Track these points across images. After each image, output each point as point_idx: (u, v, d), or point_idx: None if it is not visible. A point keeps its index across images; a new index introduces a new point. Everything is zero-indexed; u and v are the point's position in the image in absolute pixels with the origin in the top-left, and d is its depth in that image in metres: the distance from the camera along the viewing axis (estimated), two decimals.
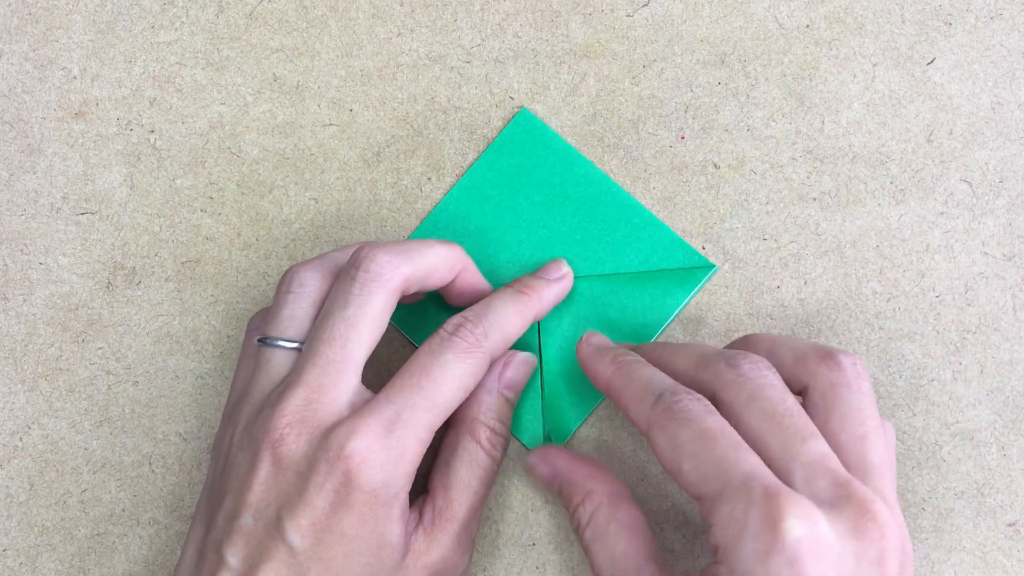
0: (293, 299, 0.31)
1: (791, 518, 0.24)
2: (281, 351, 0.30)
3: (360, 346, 0.29)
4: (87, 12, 0.39)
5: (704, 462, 0.26)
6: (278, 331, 0.31)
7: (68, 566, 0.36)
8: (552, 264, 0.35)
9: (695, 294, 0.36)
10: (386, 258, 0.30)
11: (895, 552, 0.25)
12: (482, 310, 0.31)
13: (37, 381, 0.37)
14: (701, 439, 0.27)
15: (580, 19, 0.38)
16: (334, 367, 0.29)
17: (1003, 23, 0.37)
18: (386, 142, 0.38)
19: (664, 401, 0.28)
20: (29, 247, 0.38)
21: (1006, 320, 0.36)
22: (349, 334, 0.29)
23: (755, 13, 0.38)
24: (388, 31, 0.38)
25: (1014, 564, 0.34)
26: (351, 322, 0.29)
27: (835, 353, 0.29)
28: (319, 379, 0.29)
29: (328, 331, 0.29)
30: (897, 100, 0.37)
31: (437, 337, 0.30)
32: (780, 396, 0.28)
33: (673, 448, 0.27)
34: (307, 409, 0.28)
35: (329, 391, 0.29)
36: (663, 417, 0.28)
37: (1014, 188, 0.36)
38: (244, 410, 0.30)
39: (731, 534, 0.25)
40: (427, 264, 0.31)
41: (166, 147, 0.38)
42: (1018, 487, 0.35)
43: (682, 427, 0.27)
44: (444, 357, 0.30)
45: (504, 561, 0.35)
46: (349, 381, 0.29)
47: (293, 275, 0.31)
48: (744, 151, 0.37)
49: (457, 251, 0.32)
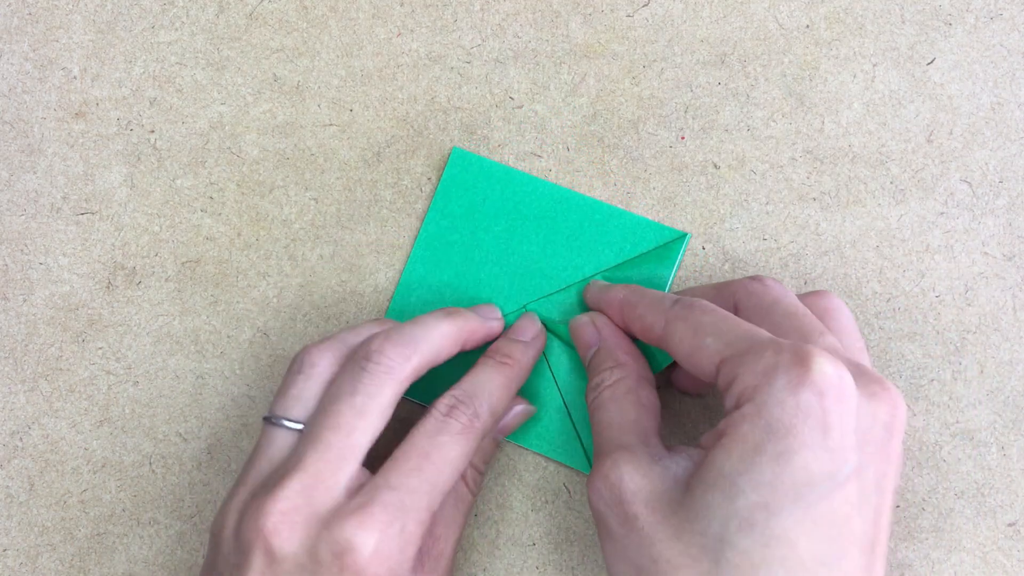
0: (302, 380, 0.31)
1: (821, 358, 0.25)
2: (284, 431, 0.30)
3: (365, 435, 0.29)
4: (87, 12, 0.39)
5: (729, 331, 0.28)
6: (283, 410, 0.30)
7: (68, 566, 0.36)
8: (524, 321, 0.35)
9: (678, 267, 0.36)
10: (397, 351, 0.30)
11: (902, 422, 0.27)
12: (471, 388, 0.31)
13: (37, 381, 0.37)
14: (726, 319, 0.28)
15: (580, 19, 0.38)
16: (336, 454, 0.29)
17: (1003, 23, 0.37)
18: (386, 142, 0.38)
19: (684, 301, 0.30)
20: (29, 247, 0.38)
21: (1006, 320, 0.36)
22: (355, 423, 0.29)
23: (755, 13, 0.38)
24: (388, 31, 0.38)
25: (1014, 564, 0.34)
26: (359, 410, 0.29)
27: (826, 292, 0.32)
28: (318, 465, 0.28)
29: (334, 417, 0.29)
30: (897, 100, 0.37)
31: (432, 419, 0.30)
32: (798, 304, 0.30)
33: (695, 330, 0.28)
34: (303, 497, 0.28)
35: (327, 479, 0.28)
36: (684, 311, 0.29)
37: (1014, 188, 0.36)
38: (241, 493, 0.29)
39: (762, 373, 0.26)
40: (435, 349, 0.31)
41: (166, 147, 0.38)
42: (1018, 487, 0.35)
43: (705, 314, 0.29)
44: (440, 439, 0.30)
45: (504, 561, 0.35)
46: (349, 468, 0.29)
47: (305, 355, 0.31)
48: (744, 151, 0.37)
49: (460, 324, 0.32)
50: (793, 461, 0.25)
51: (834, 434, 0.25)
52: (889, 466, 0.27)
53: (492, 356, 0.33)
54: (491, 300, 0.36)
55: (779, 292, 0.31)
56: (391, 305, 0.37)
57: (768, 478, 0.25)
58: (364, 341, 0.31)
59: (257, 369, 0.37)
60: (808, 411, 0.25)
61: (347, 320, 0.37)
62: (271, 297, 0.37)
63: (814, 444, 0.25)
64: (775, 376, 0.25)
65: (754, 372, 0.26)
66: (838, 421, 0.25)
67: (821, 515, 0.25)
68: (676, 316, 0.30)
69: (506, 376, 0.32)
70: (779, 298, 0.30)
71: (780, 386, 0.25)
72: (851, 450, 0.25)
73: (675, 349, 0.29)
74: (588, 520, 0.35)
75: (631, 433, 0.30)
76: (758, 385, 0.26)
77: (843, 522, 0.25)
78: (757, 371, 0.26)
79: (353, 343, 0.32)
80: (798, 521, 0.25)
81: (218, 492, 0.36)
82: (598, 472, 0.29)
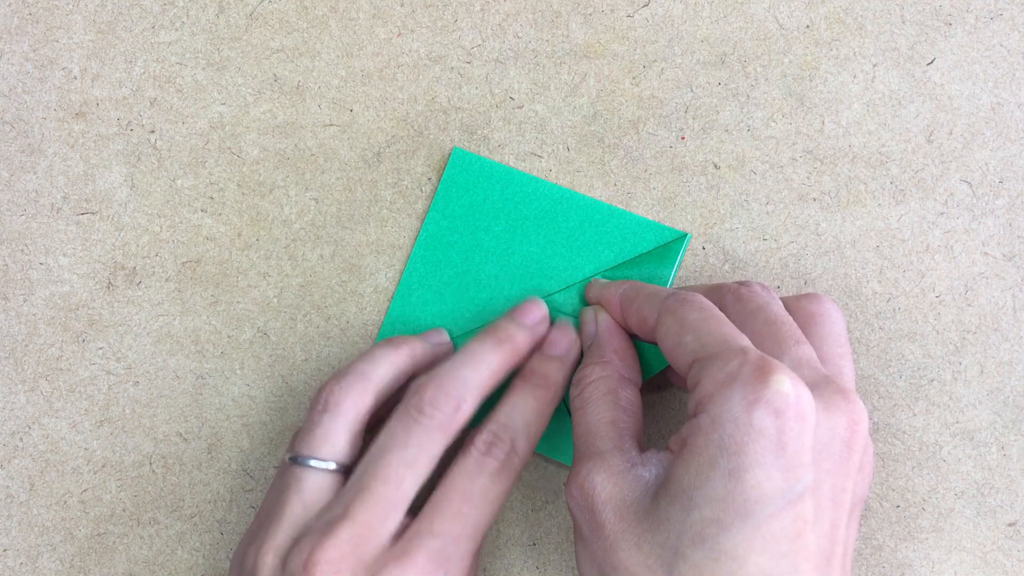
0: (328, 419, 0.31)
1: (781, 375, 0.26)
2: (314, 472, 0.30)
3: (415, 486, 0.29)
4: (87, 12, 0.39)
5: (708, 333, 0.28)
6: (310, 450, 0.30)
7: (68, 566, 0.36)
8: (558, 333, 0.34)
9: (679, 267, 0.36)
10: (449, 403, 0.30)
11: (863, 435, 0.27)
12: (507, 420, 0.31)
13: (37, 381, 0.37)
14: (709, 320, 0.29)
15: (580, 19, 0.38)
16: (386, 505, 0.29)
17: (1003, 23, 0.37)
18: (386, 142, 0.38)
19: (678, 295, 0.30)
20: (29, 247, 0.38)
21: (1006, 320, 0.36)
22: (406, 474, 0.29)
23: (755, 13, 0.38)
24: (388, 31, 0.38)
25: (1014, 564, 0.34)
26: (411, 463, 0.29)
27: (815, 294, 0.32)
28: (367, 515, 0.28)
29: (384, 468, 0.29)
30: (897, 100, 0.37)
31: (471, 458, 0.30)
32: (781, 312, 0.30)
33: (680, 325, 0.29)
34: (351, 546, 0.28)
35: (375, 528, 0.28)
36: (675, 303, 0.30)
37: (1014, 188, 0.36)
38: (276, 533, 0.29)
39: (721, 383, 0.26)
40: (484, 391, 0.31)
41: (166, 147, 0.38)
42: (1018, 487, 0.35)
43: (693, 310, 0.29)
44: (481, 481, 0.30)
45: (504, 561, 0.35)
46: (397, 517, 0.29)
47: (328, 394, 0.31)
48: (744, 151, 0.37)
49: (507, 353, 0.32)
50: (744, 479, 0.25)
51: (788, 453, 0.25)
52: (847, 480, 0.27)
53: (528, 379, 0.32)
54: (491, 300, 0.36)
55: (763, 299, 0.30)
56: (391, 305, 0.37)
57: (720, 494, 0.25)
58: (416, 388, 0.30)
59: (257, 369, 0.37)
60: (761, 430, 0.25)
61: (347, 320, 0.37)
62: (271, 297, 0.37)
63: (766, 463, 0.25)
64: (732, 388, 0.26)
65: (714, 380, 0.26)
66: (793, 440, 0.25)
67: (772, 532, 0.25)
68: (667, 308, 0.30)
69: (542, 402, 0.32)
70: (762, 305, 0.30)
71: (736, 400, 0.25)
72: (806, 467, 0.25)
73: (661, 342, 0.30)
74: None
75: (607, 438, 0.30)
76: (714, 395, 0.26)
77: (795, 538, 0.25)
78: (717, 379, 0.26)
79: (374, 376, 0.32)
80: (748, 537, 0.25)
81: (218, 492, 0.36)
82: (574, 478, 0.29)
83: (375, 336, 0.37)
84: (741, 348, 0.27)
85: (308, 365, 0.37)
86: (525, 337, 0.33)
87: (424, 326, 0.36)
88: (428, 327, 0.36)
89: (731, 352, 0.27)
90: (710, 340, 0.28)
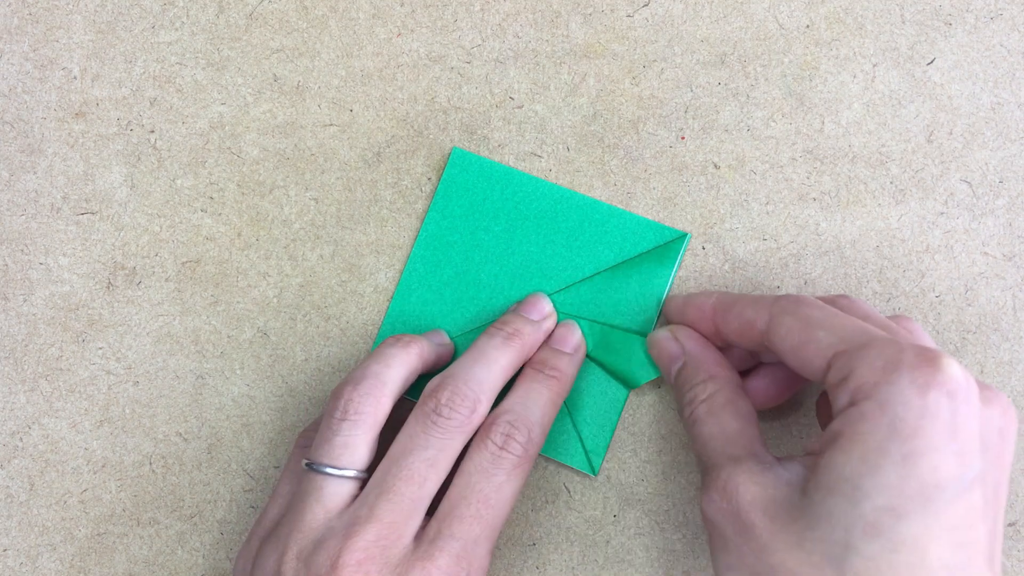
0: (348, 427, 0.31)
1: (949, 359, 0.25)
2: (334, 480, 0.30)
3: (436, 485, 0.30)
4: (87, 12, 0.39)
5: (843, 326, 0.27)
6: (331, 459, 0.30)
7: (68, 566, 0.36)
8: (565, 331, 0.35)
9: (679, 267, 0.36)
10: (465, 404, 0.30)
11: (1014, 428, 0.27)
12: (522, 411, 0.31)
13: (37, 381, 0.37)
14: (837, 315, 0.28)
15: (580, 19, 0.38)
16: (409, 504, 0.29)
17: (1003, 23, 0.37)
18: (386, 142, 0.38)
19: (790, 296, 0.30)
20: (29, 247, 0.38)
21: (1006, 320, 0.36)
22: (428, 474, 0.30)
23: (755, 13, 0.38)
24: (388, 31, 0.38)
25: (1014, 564, 0.34)
26: (432, 463, 0.30)
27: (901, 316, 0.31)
28: (393, 516, 0.29)
29: (407, 469, 0.29)
30: (897, 100, 0.37)
31: (487, 452, 0.30)
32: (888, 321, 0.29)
33: (806, 323, 0.28)
34: (378, 546, 0.28)
35: (400, 528, 0.29)
36: (792, 304, 0.29)
37: (1014, 188, 0.36)
38: (295, 536, 0.29)
39: (883, 370, 0.25)
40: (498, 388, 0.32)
41: (166, 147, 0.38)
42: (1018, 487, 0.35)
43: (815, 308, 0.28)
44: (498, 478, 0.30)
45: (504, 561, 0.35)
46: (419, 517, 0.29)
47: (346, 401, 0.31)
48: (744, 151, 0.37)
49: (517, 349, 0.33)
50: (920, 464, 0.24)
51: (961, 437, 0.24)
52: (1004, 473, 0.26)
53: (540, 370, 0.33)
54: (491, 299, 0.36)
55: (869, 307, 0.30)
56: (391, 305, 0.37)
57: (894, 481, 0.24)
58: (434, 391, 0.31)
59: (257, 369, 0.37)
60: (937, 412, 0.24)
61: (347, 320, 0.37)
62: (271, 297, 0.37)
63: (942, 447, 0.24)
64: (899, 373, 0.25)
65: (873, 368, 0.25)
66: (965, 424, 0.24)
67: (950, 520, 0.24)
68: (783, 310, 0.29)
69: (555, 392, 0.32)
70: (871, 313, 0.29)
71: (905, 384, 0.24)
72: (976, 454, 0.24)
73: (781, 342, 0.29)
74: (588, 520, 0.35)
75: (738, 444, 0.29)
76: (878, 382, 0.25)
77: (968, 528, 0.24)
78: (877, 367, 0.25)
79: (389, 379, 0.32)
80: (927, 527, 0.24)
81: (218, 492, 0.36)
82: (712, 484, 0.28)
83: (375, 336, 0.37)
84: (890, 337, 0.26)
85: (308, 365, 0.37)
86: (534, 332, 0.33)
87: (424, 326, 0.36)
88: (428, 326, 0.36)
89: (882, 341, 0.26)
90: (850, 332, 0.27)
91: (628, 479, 0.35)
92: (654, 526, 0.35)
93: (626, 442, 0.36)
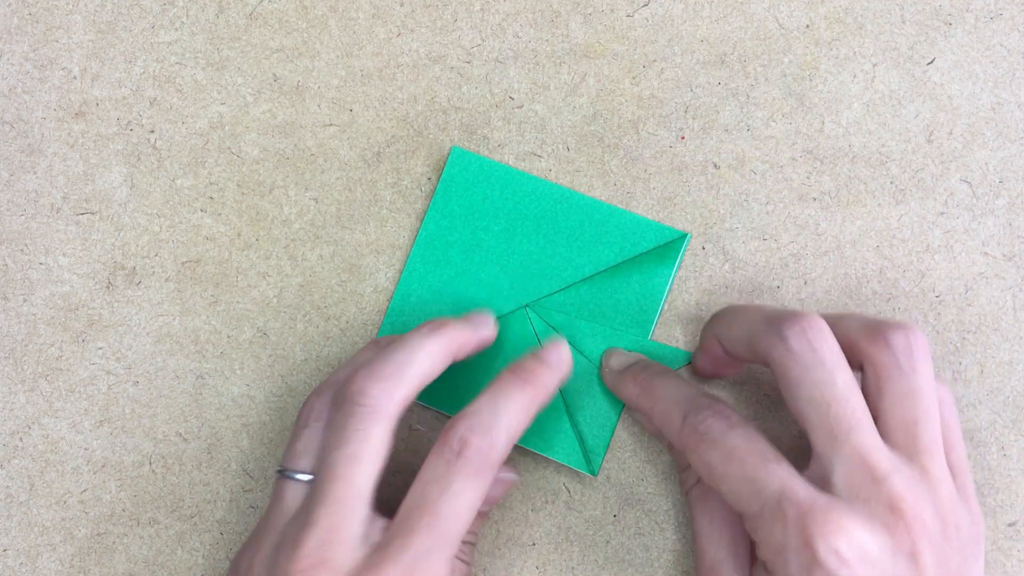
0: (308, 433, 0.31)
1: (824, 536, 0.26)
2: (294, 483, 0.30)
3: (367, 479, 0.29)
4: (87, 12, 0.39)
5: (737, 483, 0.27)
6: (292, 463, 0.31)
7: (68, 566, 0.36)
8: (553, 346, 0.32)
9: (679, 267, 0.36)
10: (380, 387, 0.29)
11: (928, 544, 0.26)
12: (488, 414, 0.29)
13: (37, 381, 0.37)
14: (730, 460, 0.28)
15: (580, 19, 0.38)
16: (343, 505, 0.28)
17: (1003, 23, 0.37)
18: (386, 142, 0.38)
19: (689, 422, 0.29)
20: (29, 247, 0.38)
21: (1006, 320, 0.36)
22: (353, 470, 0.29)
23: (755, 13, 0.38)
24: (388, 31, 0.38)
25: (1014, 564, 0.34)
26: (353, 458, 0.29)
27: (887, 332, 0.29)
28: (330, 519, 0.28)
29: (331, 469, 0.29)
30: (897, 100, 0.37)
31: (443, 458, 0.28)
32: (828, 377, 0.28)
33: (708, 471, 0.28)
34: (323, 551, 0.28)
35: (342, 530, 0.28)
36: (692, 439, 0.29)
37: (1014, 188, 0.36)
38: (265, 547, 0.29)
39: (774, 552, 0.27)
40: (421, 374, 0.30)
41: (166, 147, 0.38)
42: (1018, 487, 0.35)
43: (710, 449, 0.28)
44: (453, 487, 0.28)
45: (504, 561, 0.35)
46: (360, 515, 0.29)
47: (307, 408, 0.31)
48: (744, 151, 0.37)
49: (446, 339, 0.31)
50: None
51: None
52: None
53: (516, 372, 0.31)
54: (490, 300, 0.36)
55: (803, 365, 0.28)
56: (391, 304, 0.37)
57: None
58: (348, 379, 0.30)
59: (257, 369, 0.37)
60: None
61: (347, 320, 0.37)
62: (271, 297, 0.37)
63: None
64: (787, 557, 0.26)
65: (768, 549, 0.27)
66: None
67: None
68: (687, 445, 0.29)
69: (529, 396, 0.30)
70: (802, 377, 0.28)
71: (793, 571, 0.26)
72: None
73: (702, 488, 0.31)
74: (588, 520, 0.35)
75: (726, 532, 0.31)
76: (773, 563, 0.27)
77: None
78: (771, 549, 0.27)
79: None
80: None
81: (218, 492, 0.36)
82: None
83: (375, 335, 0.37)
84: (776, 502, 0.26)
85: (308, 365, 0.37)
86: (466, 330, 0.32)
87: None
88: None
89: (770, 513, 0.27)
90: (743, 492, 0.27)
91: (628, 479, 0.35)
92: (654, 526, 0.35)
93: (626, 442, 0.36)
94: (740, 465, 0.27)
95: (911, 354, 0.28)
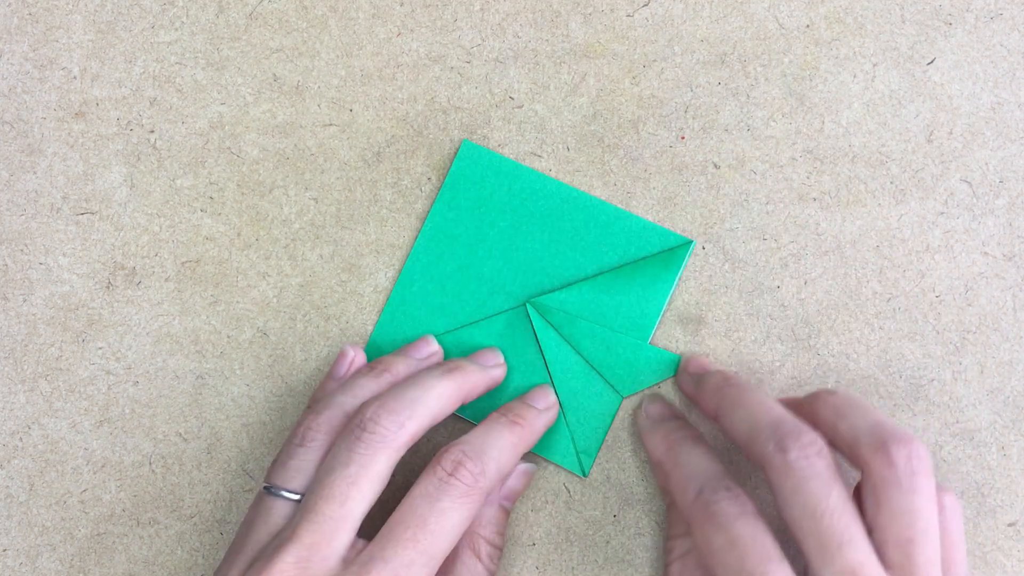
0: (303, 452, 0.31)
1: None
2: (283, 502, 0.30)
3: (360, 504, 0.29)
4: (87, 12, 0.39)
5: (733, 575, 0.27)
6: (282, 480, 0.31)
7: (68, 566, 0.36)
8: (539, 391, 0.35)
9: (681, 274, 0.36)
10: (392, 419, 0.30)
11: None
12: (479, 444, 0.31)
13: (37, 381, 0.37)
14: (732, 549, 0.27)
15: (580, 19, 0.38)
16: (330, 524, 0.28)
17: (1003, 23, 0.37)
18: (386, 142, 0.38)
19: (703, 498, 0.29)
20: (29, 247, 0.38)
21: (1006, 320, 0.36)
22: (349, 492, 0.29)
23: (755, 13, 0.38)
24: (388, 31, 0.38)
25: (1014, 564, 0.34)
26: (352, 480, 0.29)
27: (889, 444, 0.28)
28: (313, 536, 0.28)
29: (328, 488, 0.29)
30: (897, 100, 0.37)
31: (435, 477, 0.29)
32: (824, 490, 0.27)
33: (708, 551, 0.28)
34: (299, 569, 0.28)
35: (322, 549, 0.28)
36: (701, 515, 0.29)
37: (1014, 188, 0.36)
38: (240, 562, 0.29)
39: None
40: (433, 413, 0.31)
41: (166, 147, 0.38)
42: (1018, 487, 0.35)
43: (716, 531, 0.28)
44: (442, 504, 0.29)
45: (504, 561, 0.35)
46: (344, 538, 0.29)
47: (304, 429, 0.31)
48: (744, 151, 0.37)
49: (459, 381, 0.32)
50: None
51: None
52: None
53: (504, 415, 0.33)
54: (492, 294, 0.36)
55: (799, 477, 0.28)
56: (391, 296, 0.37)
57: None
58: (360, 408, 0.30)
59: (257, 369, 0.37)
60: None
61: (347, 320, 0.37)
62: (271, 297, 0.37)
63: None
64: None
65: None
66: None
67: None
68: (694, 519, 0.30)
69: (517, 436, 0.32)
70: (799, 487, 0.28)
71: None
72: None
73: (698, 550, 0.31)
74: (588, 520, 0.35)
75: None
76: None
77: None
78: None
79: (350, 407, 0.32)
80: None
81: (218, 492, 0.36)
82: None
83: (374, 331, 0.37)
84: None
85: (308, 365, 0.37)
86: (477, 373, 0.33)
87: (424, 318, 0.36)
88: (428, 319, 0.36)
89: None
90: None
91: (628, 479, 0.35)
92: (654, 526, 0.35)
93: (626, 442, 0.36)
94: (740, 557, 0.27)
95: (912, 472, 0.28)
